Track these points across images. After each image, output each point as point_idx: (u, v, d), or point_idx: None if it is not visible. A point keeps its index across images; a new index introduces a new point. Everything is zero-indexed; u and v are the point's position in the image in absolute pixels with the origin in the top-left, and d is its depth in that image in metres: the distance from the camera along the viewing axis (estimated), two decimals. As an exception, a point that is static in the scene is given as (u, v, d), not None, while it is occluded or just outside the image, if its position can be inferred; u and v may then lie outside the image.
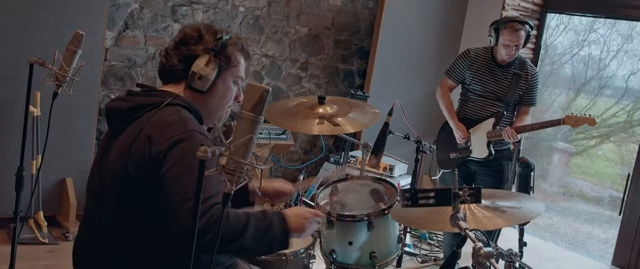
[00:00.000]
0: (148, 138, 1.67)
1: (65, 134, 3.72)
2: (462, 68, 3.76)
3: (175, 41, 1.86)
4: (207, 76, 1.79)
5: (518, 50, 3.58)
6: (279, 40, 4.88)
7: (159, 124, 1.69)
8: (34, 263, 3.37)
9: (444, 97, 3.83)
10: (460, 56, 3.81)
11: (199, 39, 1.82)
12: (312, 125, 2.62)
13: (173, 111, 1.74)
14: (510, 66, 3.66)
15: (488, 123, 3.68)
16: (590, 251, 5.38)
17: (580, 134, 6.24)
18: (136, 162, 1.67)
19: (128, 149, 1.70)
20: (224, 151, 1.40)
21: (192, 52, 1.81)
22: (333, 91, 5.28)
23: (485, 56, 3.71)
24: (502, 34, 3.55)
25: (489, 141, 3.66)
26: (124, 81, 4.24)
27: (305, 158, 5.28)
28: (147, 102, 1.77)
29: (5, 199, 3.57)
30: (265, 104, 1.50)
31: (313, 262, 2.53)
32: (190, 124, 1.70)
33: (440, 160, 3.91)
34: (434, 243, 4.48)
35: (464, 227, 1.68)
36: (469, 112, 3.77)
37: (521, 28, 3.52)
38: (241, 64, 1.89)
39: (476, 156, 3.71)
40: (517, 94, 3.66)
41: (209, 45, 1.81)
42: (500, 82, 3.65)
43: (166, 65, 1.85)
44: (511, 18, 3.61)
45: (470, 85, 3.73)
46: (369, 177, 2.74)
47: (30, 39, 3.50)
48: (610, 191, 6.06)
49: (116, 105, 1.81)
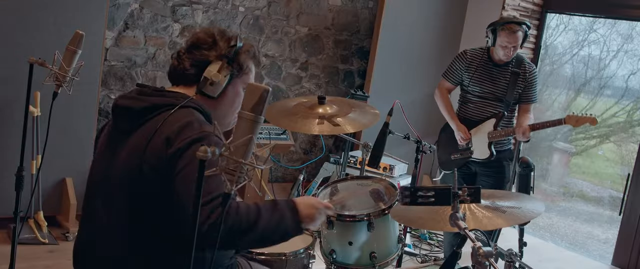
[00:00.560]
0: (166, 139, 1.67)
1: (65, 134, 3.72)
2: (459, 70, 3.76)
3: (188, 44, 1.86)
4: (219, 82, 1.80)
5: (516, 51, 3.57)
6: (279, 40, 4.88)
7: (176, 124, 1.69)
8: (34, 263, 3.37)
9: (443, 99, 3.82)
10: (456, 58, 3.80)
11: (212, 44, 1.83)
12: (312, 125, 2.62)
13: (188, 113, 1.74)
14: (508, 65, 3.65)
15: (489, 124, 3.67)
16: (590, 251, 5.38)
17: (580, 134, 6.24)
18: (151, 163, 1.67)
19: (143, 150, 1.69)
20: (224, 151, 1.40)
21: (205, 58, 1.81)
22: (333, 91, 5.28)
23: (482, 57, 3.70)
24: (500, 35, 3.53)
25: (490, 142, 3.66)
26: (124, 81, 4.24)
27: (305, 158, 5.28)
28: (161, 103, 1.76)
29: (5, 199, 3.57)
30: (265, 104, 1.50)
31: (313, 262, 2.52)
32: (206, 126, 1.71)
33: (441, 161, 3.91)
34: (434, 243, 4.48)
35: (463, 226, 1.68)
36: (468, 114, 3.76)
37: (519, 29, 3.51)
38: (252, 72, 1.90)
39: (478, 157, 3.70)
40: (517, 92, 3.66)
41: (222, 52, 1.82)
42: (499, 82, 3.65)
43: (178, 68, 1.85)
44: (508, 19, 3.60)
45: (468, 86, 3.72)
46: (369, 177, 2.74)
47: (30, 39, 3.50)
48: (610, 191, 6.06)
49: (128, 103, 1.79)
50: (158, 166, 1.66)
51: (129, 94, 1.84)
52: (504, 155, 3.73)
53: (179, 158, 1.63)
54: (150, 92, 1.82)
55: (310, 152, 5.33)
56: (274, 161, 5.02)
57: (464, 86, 3.76)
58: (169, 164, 1.64)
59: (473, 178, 3.80)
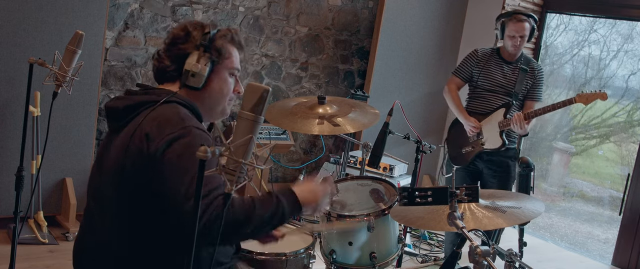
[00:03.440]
0: (146, 135, 1.67)
1: (65, 134, 3.72)
2: (470, 66, 3.86)
3: (166, 43, 1.86)
4: (200, 72, 1.79)
5: (523, 42, 3.69)
6: (279, 40, 4.88)
7: (156, 121, 1.69)
8: (34, 263, 3.37)
9: (452, 95, 3.91)
10: (468, 56, 3.92)
11: (187, 37, 1.82)
12: (312, 125, 2.62)
13: (170, 108, 1.74)
14: (517, 62, 3.77)
15: (499, 113, 3.75)
16: (590, 251, 5.38)
17: (580, 134, 6.24)
18: (134, 160, 1.67)
19: (125, 147, 1.70)
20: (224, 150, 1.40)
21: (183, 51, 1.81)
22: (333, 91, 5.28)
23: (492, 54, 3.84)
24: (508, 26, 3.67)
25: (501, 131, 3.72)
26: (124, 81, 4.24)
27: (305, 158, 5.28)
28: (144, 100, 1.77)
29: (5, 199, 3.57)
30: (265, 104, 1.50)
31: (313, 262, 2.52)
32: (188, 121, 1.70)
33: (453, 156, 3.96)
34: (434, 243, 4.48)
35: (460, 226, 1.69)
36: (478, 108, 3.85)
37: (526, 20, 3.65)
38: (234, 56, 1.88)
39: (490, 147, 3.75)
40: (525, 88, 3.76)
41: (197, 42, 1.81)
42: (508, 76, 3.76)
43: (159, 67, 1.85)
44: (516, 10, 3.79)
45: (478, 81, 3.82)
46: (369, 177, 2.74)
47: (30, 39, 3.50)
48: (610, 191, 6.05)
49: (113, 104, 1.82)
50: (140, 163, 1.66)
51: (118, 96, 1.87)
52: (509, 154, 3.79)
53: (162, 157, 1.62)
54: (136, 91, 1.84)
55: (310, 152, 5.33)
56: (274, 161, 5.02)
57: (473, 82, 3.86)
58: (151, 162, 1.64)
59: (479, 175, 3.86)
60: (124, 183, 1.70)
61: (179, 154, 1.62)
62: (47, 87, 2.85)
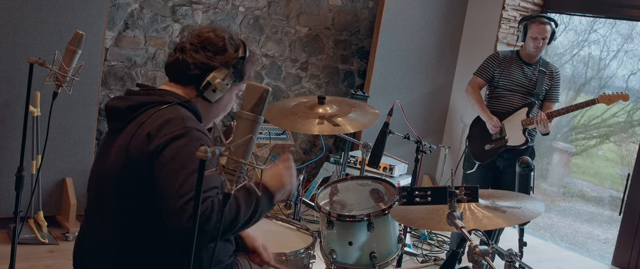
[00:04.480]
0: (147, 135, 1.67)
1: (65, 134, 3.72)
2: (491, 67, 4.02)
3: (196, 43, 1.83)
4: (221, 90, 1.81)
5: (544, 43, 3.87)
6: (279, 40, 4.88)
7: (157, 121, 1.69)
8: (34, 263, 3.37)
9: (475, 94, 4.04)
10: (489, 57, 4.08)
11: (221, 50, 1.82)
12: (312, 125, 2.62)
13: (172, 109, 1.74)
14: (536, 64, 3.95)
15: (521, 112, 3.90)
16: (590, 251, 5.38)
17: (580, 134, 6.24)
18: (134, 160, 1.68)
19: (126, 148, 1.70)
20: (224, 151, 1.40)
21: (211, 62, 1.80)
22: (333, 91, 5.28)
23: (512, 56, 4.01)
24: (531, 28, 3.86)
25: (524, 128, 3.85)
26: (124, 81, 4.24)
27: (305, 158, 5.28)
28: (147, 101, 1.77)
29: (5, 199, 3.57)
30: (265, 104, 1.50)
31: (313, 262, 2.53)
32: (189, 122, 1.70)
33: (475, 153, 4.04)
34: (434, 243, 4.48)
35: (460, 225, 1.69)
36: (499, 108, 3.98)
37: (548, 22, 3.85)
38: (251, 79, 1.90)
39: (513, 144, 3.87)
40: (544, 88, 3.93)
41: (229, 60, 1.81)
42: (529, 77, 3.92)
43: (181, 63, 1.82)
44: (539, 14, 4.11)
45: (499, 82, 3.96)
46: (369, 177, 2.74)
47: (30, 39, 3.50)
48: (610, 191, 6.05)
49: (115, 104, 1.82)
50: (140, 163, 1.66)
51: (119, 96, 1.87)
52: (528, 152, 3.93)
53: (160, 156, 1.63)
54: (137, 91, 1.84)
55: (310, 152, 5.33)
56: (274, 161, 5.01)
57: (494, 83, 4.00)
58: (150, 161, 1.64)
59: (498, 173, 3.99)
60: (124, 183, 1.71)
61: (175, 153, 1.62)
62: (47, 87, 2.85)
